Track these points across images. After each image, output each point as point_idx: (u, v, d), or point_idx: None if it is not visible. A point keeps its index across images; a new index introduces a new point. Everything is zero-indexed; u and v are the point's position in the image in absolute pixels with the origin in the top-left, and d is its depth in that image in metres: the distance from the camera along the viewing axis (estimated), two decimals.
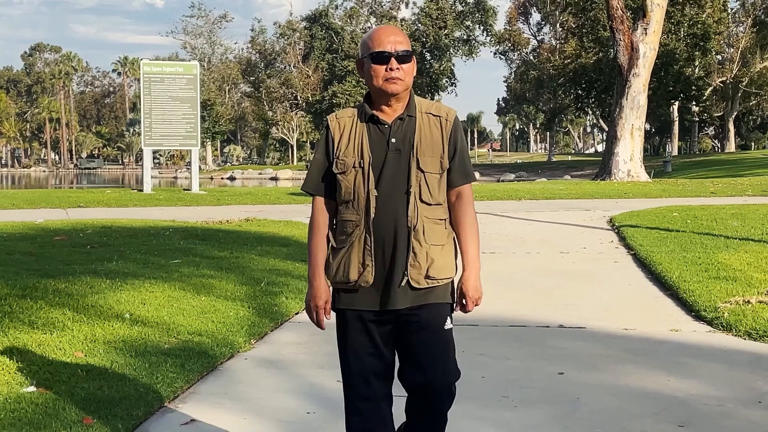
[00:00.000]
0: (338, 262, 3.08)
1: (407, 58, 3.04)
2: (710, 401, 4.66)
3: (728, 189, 20.41)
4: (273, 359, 5.51)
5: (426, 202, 3.04)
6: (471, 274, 3.11)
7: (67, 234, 10.49)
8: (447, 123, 3.11)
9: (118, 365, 4.99)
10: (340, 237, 3.10)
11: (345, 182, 3.05)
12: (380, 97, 3.06)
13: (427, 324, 3.05)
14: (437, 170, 3.06)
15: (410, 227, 3.01)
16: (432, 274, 3.04)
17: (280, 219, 13.01)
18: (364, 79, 3.12)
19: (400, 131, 3.05)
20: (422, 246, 3.02)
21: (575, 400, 4.64)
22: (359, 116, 3.09)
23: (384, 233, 3.02)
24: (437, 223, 3.08)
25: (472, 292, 3.12)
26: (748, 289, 7.02)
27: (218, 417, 4.39)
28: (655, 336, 6.09)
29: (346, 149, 3.06)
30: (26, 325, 5.78)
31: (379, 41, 3.03)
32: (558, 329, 6.32)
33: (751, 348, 5.73)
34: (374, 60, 3.03)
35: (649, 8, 25.81)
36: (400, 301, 3.03)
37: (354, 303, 3.09)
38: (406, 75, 3.03)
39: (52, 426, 4.03)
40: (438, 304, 3.07)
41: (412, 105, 3.09)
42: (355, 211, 3.04)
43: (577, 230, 11.85)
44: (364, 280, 3.03)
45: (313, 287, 3.13)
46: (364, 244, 3.02)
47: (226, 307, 6.59)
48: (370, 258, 3.02)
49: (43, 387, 4.58)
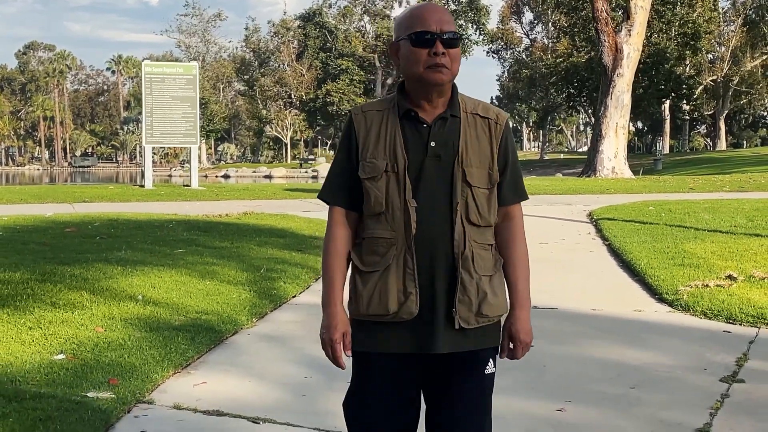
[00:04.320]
0: (371, 289, 2.51)
1: (455, 41, 2.49)
2: (661, 368, 5.27)
3: (707, 185, 21.04)
4: (273, 335, 6.11)
5: (474, 224, 2.52)
6: (522, 314, 2.61)
7: (76, 226, 11.08)
8: (498, 127, 2.58)
9: (135, 338, 5.58)
10: (369, 258, 2.54)
11: (374, 190, 2.51)
12: (419, 89, 2.50)
13: (467, 368, 2.56)
14: (486, 184, 2.54)
15: (457, 254, 2.49)
16: (485, 311, 2.52)
17: (276, 213, 13.52)
18: (397, 67, 2.59)
19: (441, 133, 2.51)
20: (472, 277, 2.51)
21: (542, 367, 5.25)
22: (392, 110, 2.55)
23: (425, 255, 2.49)
24: (486, 249, 2.56)
25: (524, 335, 2.61)
26: (708, 275, 7.64)
27: (226, 380, 5.00)
28: (620, 315, 6.70)
29: (375, 149, 2.52)
30: (49, 305, 6.36)
31: (422, 20, 2.48)
32: (532, 310, 6.90)
33: (705, 326, 6.35)
34: (415, 42, 2.47)
35: (633, 10, 26.60)
36: (443, 344, 2.50)
37: (384, 343, 2.53)
38: (452, 63, 2.49)
39: (83, 386, 4.62)
40: (486, 348, 2.59)
41: (456, 102, 2.55)
42: (389, 225, 2.50)
43: (558, 223, 12.47)
44: (407, 311, 2.48)
45: (328, 316, 2.57)
46: (404, 266, 2.48)
47: (229, 290, 7.17)
48: (414, 284, 2.47)
49: (71, 355, 5.17)
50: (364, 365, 2.58)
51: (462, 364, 2.54)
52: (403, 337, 2.50)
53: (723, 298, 6.79)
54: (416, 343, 2.50)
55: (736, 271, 7.64)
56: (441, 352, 2.50)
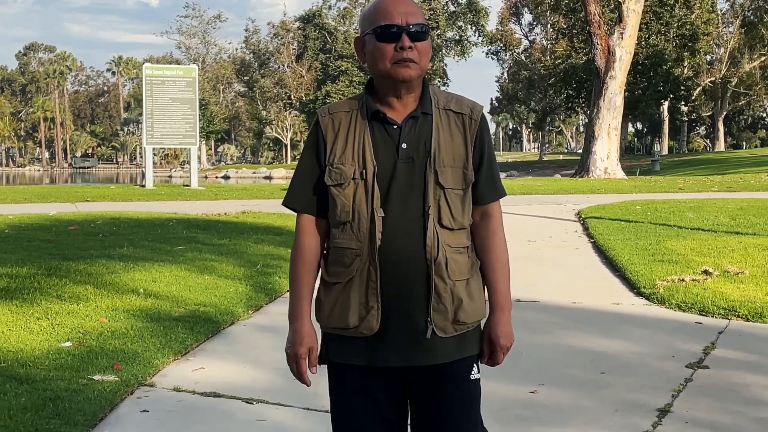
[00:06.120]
0: (333, 301, 2.40)
1: (423, 34, 2.33)
2: (632, 356, 5.61)
3: (696, 185, 21.35)
4: (268, 326, 6.45)
5: (447, 227, 2.38)
6: (502, 317, 2.48)
7: (79, 224, 11.43)
8: (472, 123, 2.43)
9: (137, 328, 5.92)
10: (334, 269, 2.42)
11: (341, 198, 2.37)
12: (387, 86, 2.36)
13: (451, 377, 2.42)
14: (460, 185, 2.40)
15: (429, 260, 2.34)
16: (461, 318, 2.39)
17: (274, 212, 13.77)
18: (364, 64, 2.43)
19: (412, 134, 2.37)
20: (446, 283, 2.37)
21: (519, 354, 5.55)
22: (360, 111, 2.40)
23: (393, 266, 2.34)
24: (460, 253, 2.41)
25: (504, 339, 2.49)
26: (685, 270, 7.98)
27: (222, 366, 5.34)
28: (598, 308, 7.04)
29: (343, 155, 2.38)
30: (55, 297, 6.70)
31: (387, 12, 2.32)
32: (514, 303, 7.25)
33: (678, 317, 6.68)
34: (380, 37, 2.32)
35: (625, 14, 27.04)
36: (417, 356, 2.37)
37: (350, 356, 2.40)
38: (421, 56, 2.33)
39: (89, 370, 4.97)
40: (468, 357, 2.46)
41: (427, 99, 2.40)
42: (355, 236, 2.36)
43: (546, 221, 12.79)
44: (368, 327, 2.35)
45: (294, 331, 2.43)
46: (367, 279, 2.35)
47: (227, 284, 7.51)
48: (376, 298, 2.34)
49: (77, 343, 5.52)
50: (336, 381, 2.47)
51: (445, 374, 2.40)
52: (373, 350, 2.37)
53: (697, 291, 7.13)
54: (385, 356, 2.37)
55: (712, 267, 7.97)
56: (414, 364, 2.37)
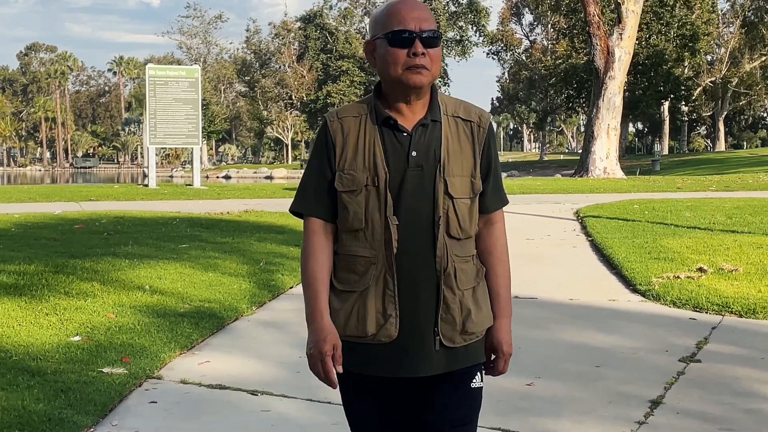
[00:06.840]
0: (348, 310, 2.37)
1: (435, 40, 2.32)
2: (626, 350, 5.76)
3: (695, 185, 21.46)
4: (271, 321, 6.60)
5: (455, 237, 2.37)
6: (504, 323, 2.49)
7: (84, 223, 11.57)
8: (480, 131, 2.42)
9: (144, 323, 6.08)
10: (345, 276, 2.39)
11: (354, 205, 2.34)
12: (397, 92, 2.34)
13: (454, 386, 2.43)
14: (468, 194, 2.39)
15: (439, 270, 2.35)
16: (469, 328, 2.39)
17: (276, 211, 13.86)
18: (374, 68, 2.40)
19: (422, 142, 2.35)
20: (455, 294, 2.37)
21: (517, 349, 5.68)
22: (369, 116, 2.37)
23: (405, 275, 2.34)
24: (467, 262, 2.42)
25: (506, 347, 2.48)
26: (681, 267, 8.12)
27: (228, 360, 5.50)
28: (594, 304, 7.19)
29: (354, 161, 2.35)
30: (63, 294, 6.85)
31: (399, 17, 2.30)
32: (513, 299, 7.40)
33: (673, 314, 6.83)
34: (392, 42, 2.30)
35: (624, 14, 27.18)
36: (426, 365, 2.37)
37: (363, 365, 2.39)
38: (432, 63, 2.32)
39: (98, 363, 5.12)
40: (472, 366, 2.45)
41: (436, 105, 2.38)
42: (369, 243, 2.34)
43: (545, 220, 12.92)
44: (386, 335, 2.34)
45: (315, 329, 2.38)
46: (384, 287, 2.33)
47: (230, 281, 7.66)
48: (394, 306, 2.33)
49: (86, 337, 5.67)
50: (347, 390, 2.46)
51: (448, 383, 2.40)
52: (385, 358, 2.36)
53: (692, 288, 7.27)
54: (395, 365, 2.36)
55: (707, 264, 8.12)
56: (421, 375, 2.37)
